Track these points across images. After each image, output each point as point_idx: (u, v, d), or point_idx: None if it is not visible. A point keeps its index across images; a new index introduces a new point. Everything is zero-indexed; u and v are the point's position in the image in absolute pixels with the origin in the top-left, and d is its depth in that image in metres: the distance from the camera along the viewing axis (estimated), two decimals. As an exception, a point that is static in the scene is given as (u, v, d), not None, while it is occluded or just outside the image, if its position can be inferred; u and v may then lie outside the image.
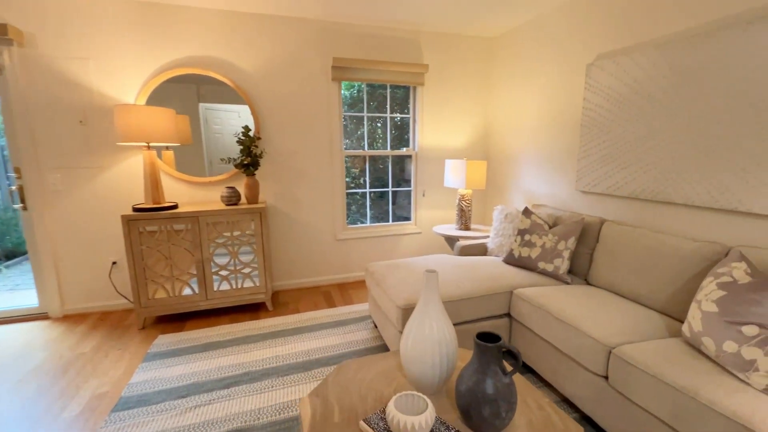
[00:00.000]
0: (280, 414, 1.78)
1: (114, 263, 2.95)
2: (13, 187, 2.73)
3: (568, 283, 2.24)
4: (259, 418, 1.75)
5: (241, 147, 2.87)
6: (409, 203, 3.75)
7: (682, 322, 1.74)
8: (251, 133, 3.05)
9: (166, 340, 2.48)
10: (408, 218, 3.81)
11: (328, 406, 1.21)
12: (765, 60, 1.62)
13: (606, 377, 1.57)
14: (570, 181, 2.79)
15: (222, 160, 3.11)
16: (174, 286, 2.71)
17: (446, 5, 2.81)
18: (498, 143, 3.64)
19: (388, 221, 3.77)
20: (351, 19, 3.10)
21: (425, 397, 1.08)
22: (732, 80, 1.75)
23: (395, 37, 3.34)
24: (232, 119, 3.04)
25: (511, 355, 2.30)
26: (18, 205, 2.74)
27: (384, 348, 2.38)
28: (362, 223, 3.72)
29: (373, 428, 1.07)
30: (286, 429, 1.68)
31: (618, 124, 2.34)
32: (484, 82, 3.71)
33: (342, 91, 3.34)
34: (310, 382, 2.03)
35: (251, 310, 2.99)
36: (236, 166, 2.91)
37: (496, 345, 1.06)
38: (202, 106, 2.94)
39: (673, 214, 2.08)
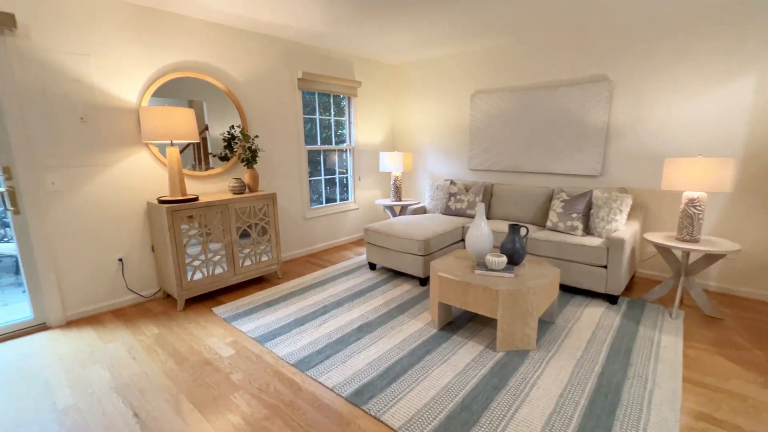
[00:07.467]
0: (378, 313, 2.80)
1: (120, 260, 2.98)
2: (2, 189, 2.48)
3: (482, 220, 3.99)
4: (368, 317, 2.73)
5: (237, 143, 3.40)
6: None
7: (542, 225, 3.68)
8: (240, 131, 3.52)
9: (223, 309, 2.93)
10: (347, 198, 4.91)
11: (449, 273, 2.45)
12: (562, 105, 3.69)
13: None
14: (464, 163, 4.59)
15: (212, 155, 3.48)
16: (208, 268, 3.08)
17: (367, 43, 4.09)
18: (406, 140, 5.17)
19: (336, 201, 4.78)
20: (311, 42, 3.96)
21: (500, 253, 2.49)
22: (547, 111, 3.78)
23: (338, 59, 4.36)
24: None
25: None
26: (9, 209, 2.50)
27: (394, 275, 3.57)
28: (319, 204, 4.60)
29: (481, 269, 2.39)
30: (390, 316, 2.74)
31: (492, 130, 4.22)
32: (393, 96, 5.15)
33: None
34: (374, 299, 3.06)
35: (265, 280, 3.57)
36: (242, 160, 3.42)
37: (519, 225, 2.55)
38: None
39: (527, 176, 4.10)
